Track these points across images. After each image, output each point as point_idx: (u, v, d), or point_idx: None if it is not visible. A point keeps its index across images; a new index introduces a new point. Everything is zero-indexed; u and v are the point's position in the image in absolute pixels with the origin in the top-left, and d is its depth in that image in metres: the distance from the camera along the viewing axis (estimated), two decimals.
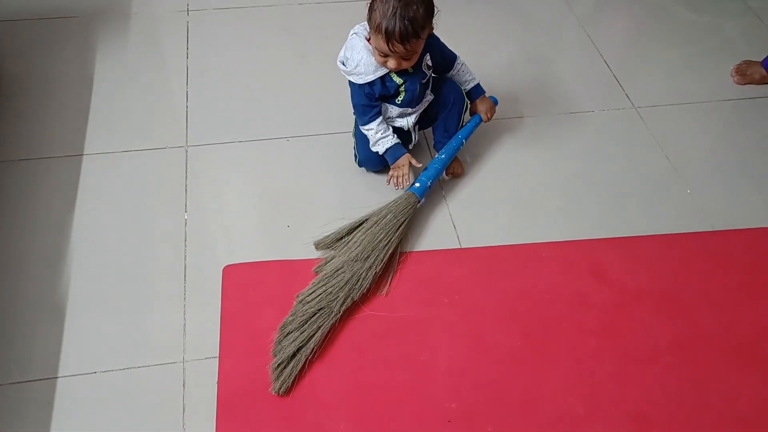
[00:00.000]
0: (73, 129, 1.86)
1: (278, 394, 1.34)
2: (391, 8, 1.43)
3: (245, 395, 1.35)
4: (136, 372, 1.39)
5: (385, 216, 1.58)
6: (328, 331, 1.43)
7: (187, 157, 1.82)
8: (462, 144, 1.74)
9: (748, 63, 2.10)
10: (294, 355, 1.38)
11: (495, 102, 1.81)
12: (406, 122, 1.69)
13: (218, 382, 1.37)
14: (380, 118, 1.65)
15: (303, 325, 1.42)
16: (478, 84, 1.76)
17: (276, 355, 1.38)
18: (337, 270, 1.50)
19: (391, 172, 1.69)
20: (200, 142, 1.86)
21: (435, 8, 1.50)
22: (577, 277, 1.57)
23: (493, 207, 1.73)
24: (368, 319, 1.47)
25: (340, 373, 1.39)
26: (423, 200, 1.66)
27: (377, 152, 1.68)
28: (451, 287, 1.54)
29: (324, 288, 1.47)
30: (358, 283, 1.48)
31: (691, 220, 1.72)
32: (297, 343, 1.39)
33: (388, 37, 1.44)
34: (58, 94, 1.97)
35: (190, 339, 1.44)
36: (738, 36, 2.31)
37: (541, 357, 1.42)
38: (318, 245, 1.59)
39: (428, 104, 1.71)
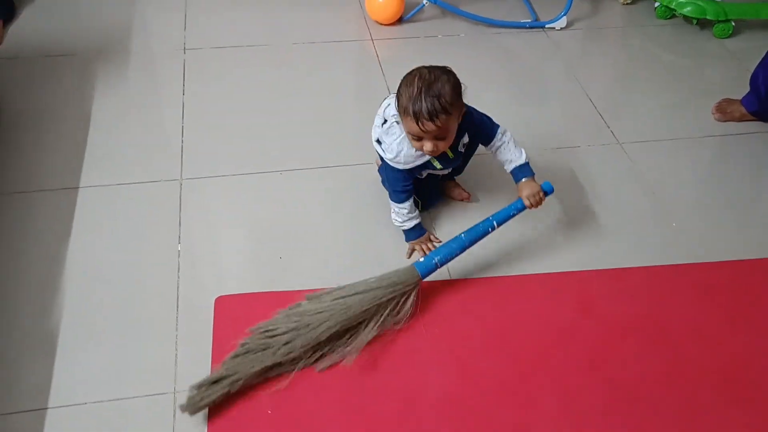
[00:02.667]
0: (69, 162, 1.90)
1: (183, 412, 1.33)
2: (416, 89, 1.43)
3: (236, 427, 1.35)
4: (127, 403, 1.39)
5: (376, 289, 1.49)
6: (262, 373, 1.40)
7: (181, 190, 1.85)
8: (492, 228, 1.56)
9: (729, 101, 2.17)
10: (215, 382, 1.37)
11: (547, 189, 1.59)
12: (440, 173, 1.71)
13: (209, 415, 1.37)
14: (412, 198, 1.65)
15: (237, 356, 1.40)
16: (526, 164, 1.61)
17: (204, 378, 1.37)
18: (301, 314, 1.47)
19: (413, 247, 1.69)
20: (195, 175, 1.89)
21: (462, 85, 1.49)
22: (565, 308, 1.59)
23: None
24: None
25: (329, 404, 1.39)
26: (423, 277, 1.53)
27: (405, 191, 1.63)
28: (441, 318, 1.55)
29: (276, 327, 1.44)
30: (307, 333, 1.42)
31: (677, 253, 1.75)
32: (222, 372, 1.38)
33: (417, 116, 1.42)
34: (56, 128, 2.01)
35: (181, 370, 1.45)
36: (718, 76, 2.39)
37: (530, 389, 1.43)
38: (308, 297, 1.53)
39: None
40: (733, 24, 2.53)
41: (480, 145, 1.68)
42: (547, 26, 2.56)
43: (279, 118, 2.11)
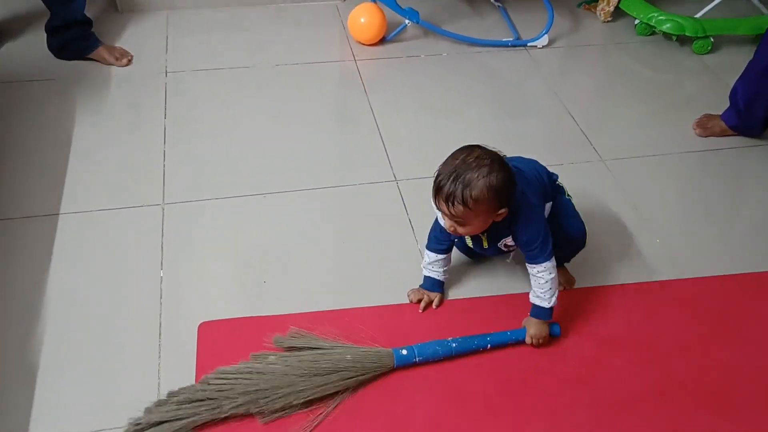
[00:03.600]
0: (49, 188, 1.88)
1: None
2: (452, 167, 1.34)
3: None
4: None
5: (345, 357, 1.44)
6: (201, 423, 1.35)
7: (163, 214, 1.83)
8: (485, 349, 1.50)
9: (709, 116, 2.19)
10: (155, 424, 1.33)
11: (554, 332, 1.53)
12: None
13: None
14: (444, 257, 1.58)
15: (184, 402, 1.36)
16: (550, 309, 1.48)
17: (143, 413, 1.35)
18: (259, 373, 1.41)
19: (418, 296, 1.61)
20: (177, 199, 1.88)
21: (509, 185, 1.35)
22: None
23: (462, 258, 1.75)
24: None
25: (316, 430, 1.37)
26: (395, 367, 1.47)
27: (437, 244, 1.57)
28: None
29: (230, 381, 1.39)
30: (263, 401, 1.37)
31: (661, 269, 1.75)
32: (166, 416, 1.34)
33: (436, 191, 1.36)
34: (35, 154, 1.99)
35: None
36: (697, 92, 2.42)
37: (518, 408, 1.42)
38: (276, 341, 1.49)
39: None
40: (712, 40, 2.56)
41: None
42: (528, 45, 2.58)
43: (262, 140, 2.10)
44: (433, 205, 1.42)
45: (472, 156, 1.34)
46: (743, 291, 1.70)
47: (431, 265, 1.60)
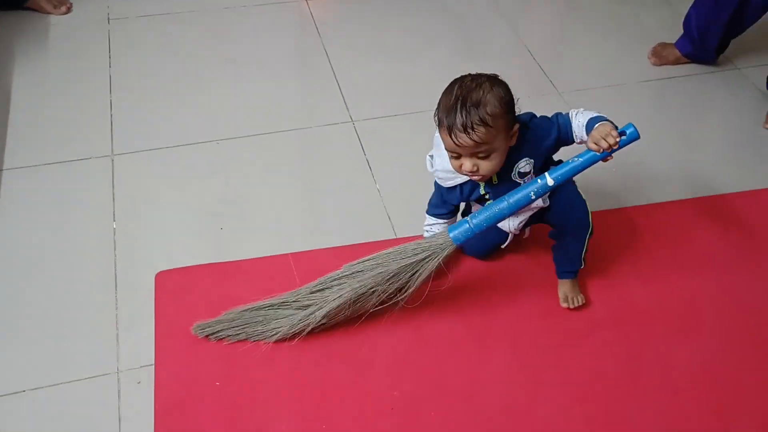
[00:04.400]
0: None
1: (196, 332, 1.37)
2: (453, 97, 1.25)
3: (184, 401, 1.31)
4: (68, 387, 1.34)
5: (412, 246, 1.37)
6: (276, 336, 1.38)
7: (113, 166, 1.77)
8: (545, 190, 1.29)
9: (663, 45, 2.18)
10: (235, 324, 1.39)
11: (629, 132, 1.27)
12: (508, 225, 1.43)
13: (155, 390, 1.33)
14: (445, 221, 1.48)
15: (271, 307, 1.40)
16: (596, 117, 1.31)
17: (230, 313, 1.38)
18: (334, 288, 1.39)
19: None
20: (126, 150, 1.82)
21: (513, 97, 1.29)
22: (515, 258, 1.58)
23: (426, 195, 1.73)
24: None
25: (279, 372, 1.37)
26: (456, 245, 1.34)
27: (438, 208, 1.48)
28: None
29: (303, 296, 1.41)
30: (339, 314, 1.38)
31: (622, 197, 1.76)
32: (250, 318, 1.39)
33: (450, 128, 1.24)
34: None
35: (124, 349, 1.40)
36: (653, 22, 2.40)
37: (481, 344, 1.43)
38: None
39: (542, 209, 1.42)
40: None
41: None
42: None
43: (212, 86, 2.03)
44: (446, 144, 1.28)
45: (466, 81, 1.28)
46: (700, 215, 1.73)
47: (431, 226, 1.51)
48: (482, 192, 1.39)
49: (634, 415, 1.34)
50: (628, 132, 1.27)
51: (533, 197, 1.30)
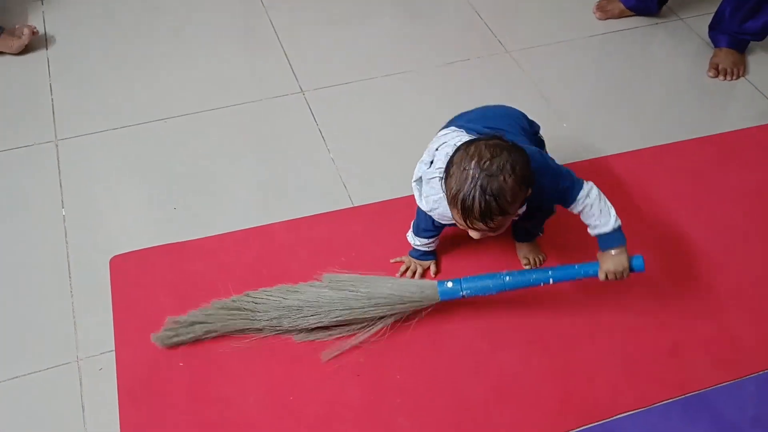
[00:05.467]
0: None
1: (153, 341, 1.33)
2: (470, 181, 1.14)
3: (147, 384, 1.30)
4: (28, 379, 1.32)
5: (386, 285, 1.36)
6: (235, 333, 1.36)
7: (58, 151, 1.72)
8: (545, 283, 1.32)
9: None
10: (191, 324, 1.35)
11: (636, 266, 1.30)
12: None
13: (117, 375, 1.31)
14: (432, 240, 1.44)
15: (222, 309, 1.36)
16: (615, 231, 1.28)
17: (187, 315, 1.35)
18: (297, 292, 1.38)
19: (405, 266, 1.48)
20: (71, 134, 1.76)
21: (530, 165, 1.19)
22: None
23: (381, 162, 1.73)
24: (266, 280, 1.45)
25: (242, 347, 1.36)
26: (440, 300, 1.36)
27: (428, 233, 1.43)
28: (347, 246, 1.53)
29: (270, 296, 1.37)
30: (296, 318, 1.34)
31: (575, 152, 1.78)
32: (203, 318, 1.35)
33: (466, 213, 1.16)
34: None
35: (82, 336, 1.38)
36: None
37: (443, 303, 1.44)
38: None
39: None
40: None
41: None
42: None
43: (155, 63, 1.98)
44: (457, 220, 1.22)
45: (484, 158, 1.15)
46: (649, 164, 1.76)
47: (420, 247, 1.46)
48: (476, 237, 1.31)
49: (592, 359, 1.37)
50: (636, 267, 1.31)
51: (528, 285, 1.33)
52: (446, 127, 1.40)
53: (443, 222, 1.36)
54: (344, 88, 1.93)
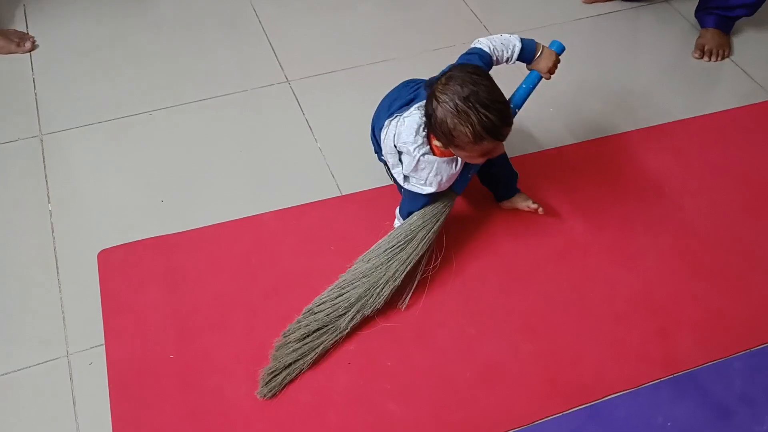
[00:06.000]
0: None
1: (263, 398, 1.27)
2: (470, 110, 1.21)
3: (138, 377, 1.30)
4: (18, 376, 1.31)
5: (411, 220, 1.42)
6: (331, 346, 1.35)
7: (43, 146, 1.71)
8: (514, 115, 1.39)
9: None
10: (290, 365, 1.31)
11: (559, 50, 1.45)
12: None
13: (108, 369, 1.31)
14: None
15: (306, 337, 1.33)
16: (524, 44, 1.41)
17: (272, 361, 1.30)
18: (354, 281, 1.38)
19: None
20: (55, 129, 1.75)
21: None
22: (459, 202, 1.60)
23: (368, 151, 1.73)
24: (255, 270, 1.46)
25: (232, 337, 1.37)
26: (460, 193, 1.44)
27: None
28: (336, 235, 1.54)
29: (335, 301, 1.36)
30: (372, 299, 1.36)
31: (559, 137, 1.79)
32: (295, 354, 1.31)
33: (494, 131, 1.23)
34: None
35: (72, 331, 1.38)
36: None
37: (429, 286, 1.45)
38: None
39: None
40: None
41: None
42: None
43: (139, 55, 1.96)
44: (485, 150, 1.28)
45: (455, 91, 1.24)
46: (636, 146, 1.77)
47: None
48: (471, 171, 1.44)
49: (580, 342, 1.38)
50: (559, 51, 1.45)
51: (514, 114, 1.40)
52: (385, 112, 1.42)
53: (450, 183, 1.39)
54: (330, 76, 1.92)
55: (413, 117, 1.34)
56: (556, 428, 1.27)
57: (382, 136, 1.40)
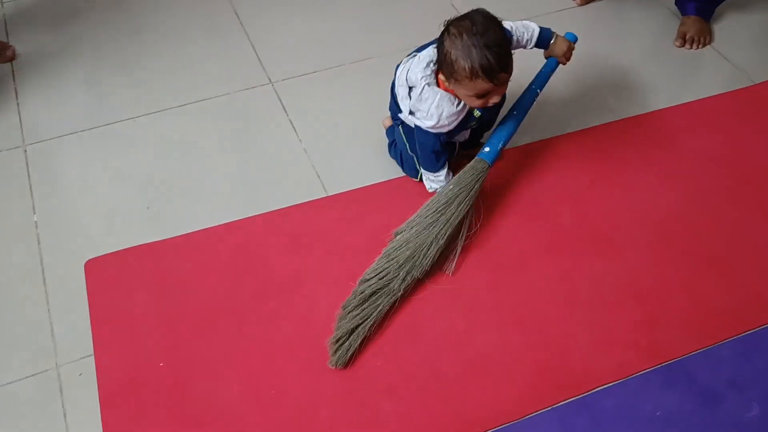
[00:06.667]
0: None
1: (335, 367, 1.32)
2: (473, 47, 1.30)
3: (129, 386, 1.30)
4: (7, 389, 1.31)
5: (449, 189, 1.47)
6: (389, 309, 1.39)
7: (26, 157, 1.70)
8: (536, 96, 1.56)
9: None
10: (353, 331, 1.35)
11: (573, 39, 1.59)
12: (463, 135, 1.60)
13: (98, 379, 1.31)
14: (447, 163, 1.55)
15: (363, 303, 1.37)
16: (541, 30, 1.53)
17: (336, 331, 1.35)
18: (400, 247, 1.43)
19: None
20: (38, 138, 1.74)
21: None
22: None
23: (353, 150, 1.73)
24: (244, 274, 1.46)
25: (223, 341, 1.37)
26: (491, 164, 1.51)
27: (442, 156, 1.52)
28: (324, 235, 1.54)
29: (384, 266, 1.40)
30: (419, 261, 1.41)
31: (544, 129, 1.79)
32: (356, 320, 1.35)
33: (491, 73, 1.31)
34: None
35: (60, 343, 1.37)
36: None
37: (416, 282, 1.45)
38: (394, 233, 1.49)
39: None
40: None
41: None
42: None
43: (120, 61, 1.95)
44: (481, 89, 1.35)
45: (477, 25, 1.32)
46: (619, 136, 1.77)
47: (445, 179, 1.55)
48: (477, 114, 1.50)
49: (569, 333, 1.39)
50: (572, 39, 1.58)
51: (530, 106, 1.56)
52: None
53: (452, 125, 1.45)
54: (313, 77, 1.92)
55: (426, 51, 1.45)
56: (547, 420, 1.27)
57: (398, 72, 1.51)
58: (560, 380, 1.32)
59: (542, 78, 1.58)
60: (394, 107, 1.57)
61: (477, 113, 1.50)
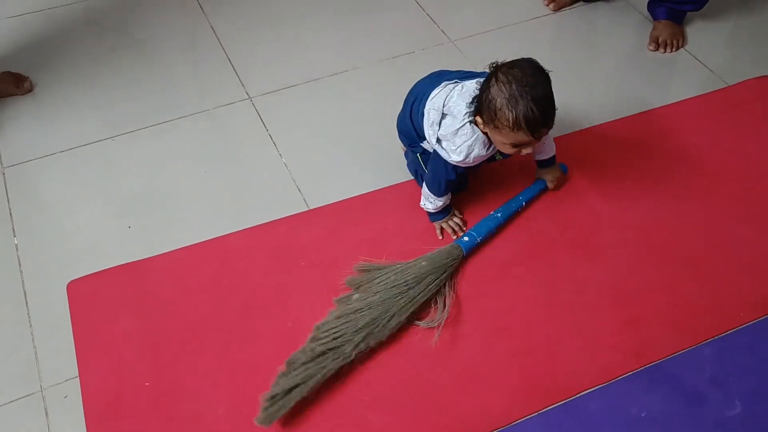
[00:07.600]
0: None
1: (260, 425, 1.24)
2: (521, 98, 1.28)
3: (115, 407, 1.29)
4: None
5: (421, 264, 1.45)
6: (335, 372, 1.32)
7: (5, 179, 1.69)
8: (521, 206, 1.60)
9: None
10: (291, 390, 1.27)
11: (564, 170, 1.67)
12: (477, 169, 1.60)
13: (83, 401, 1.30)
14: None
15: (309, 362, 1.30)
16: (553, 156, 1.60)
17: (272, 387, 1.27)
18: (361, 309, 1.38)
19: (445, 223, 1.57)
20: (16, 161, 1.73)
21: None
22: (422, 212, 1.61)
23: (333, 163, 1.74)
24: (227, 291, 1.46)
25: (208, 359, 1.36)
26: (465, 255, 1.51)
27: (451, 187, 1.52)
28: (306, 249, 1.54)
29: (340, 327, 1.35)
30: (377, 330, 1.36)
31: None
32: (297, 379, 1.28)
33: (534, 126, 1.30)
34: None
35: (44, 366, 1.36)
36: None
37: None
38: (348, 282, 1.46)
39: None
40: None
41: None
42: None
43: (97, 80, 1.94)
44: (519, 141, 1.34)
45: (526, 75, 1.31)
46: (596, 142, 1.79)
47: (443, 205, 1.55)
48: (498, 157, 1.52)
49: (554, 338, 1.40)
50: (564, 170, 1.68)
51: (512, 214, 1.59)
52: (429, 87, 1.50)
53: (475, 163, 1.46)
54: (291, 91, 1.93)
55: (471, 84, 1.41)
56: (535, 426, 1.28)
57: (433, 94, 1.46)
58: (546, 385, 1.33)
59: (530, 193, 1.62)
60: (411, 130, 1.54)
61: (499, 156, 1.51)
